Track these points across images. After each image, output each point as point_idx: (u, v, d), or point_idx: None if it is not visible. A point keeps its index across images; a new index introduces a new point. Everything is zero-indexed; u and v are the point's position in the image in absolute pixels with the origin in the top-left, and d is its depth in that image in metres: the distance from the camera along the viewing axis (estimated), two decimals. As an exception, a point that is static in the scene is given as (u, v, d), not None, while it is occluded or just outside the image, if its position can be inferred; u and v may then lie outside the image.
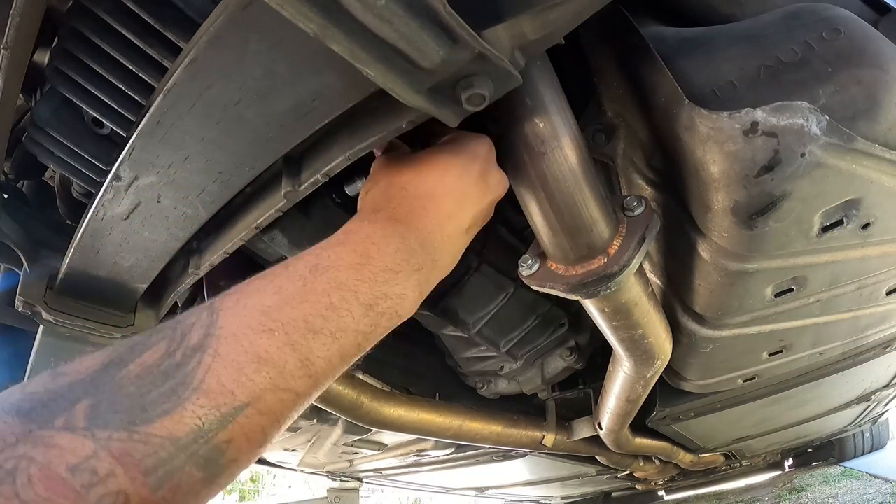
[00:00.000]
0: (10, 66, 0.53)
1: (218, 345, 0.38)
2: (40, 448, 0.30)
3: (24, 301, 0.81)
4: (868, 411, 2.07)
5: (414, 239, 0.51)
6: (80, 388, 0.34)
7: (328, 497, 2.49)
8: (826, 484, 2.74)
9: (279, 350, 0.40)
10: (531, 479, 2.55)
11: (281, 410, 0.40)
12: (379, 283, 0.47)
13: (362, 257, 0.47)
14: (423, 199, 0.53)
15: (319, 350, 0.42)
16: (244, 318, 0.40)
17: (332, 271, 0.45)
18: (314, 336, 0.42)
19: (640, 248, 0.58)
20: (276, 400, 0.39)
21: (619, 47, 0.62)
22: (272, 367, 0.39)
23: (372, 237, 0.49)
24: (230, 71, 0.47)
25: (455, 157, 0.55)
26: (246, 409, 0.37)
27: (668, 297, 0.85)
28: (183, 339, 0.38)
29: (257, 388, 0.38)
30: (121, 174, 0.60)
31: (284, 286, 0.43)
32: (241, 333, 0.39)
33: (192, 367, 0.37)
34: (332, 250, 0.47)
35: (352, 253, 0.47)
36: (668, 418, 1.38)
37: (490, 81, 0.43)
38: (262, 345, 0.39)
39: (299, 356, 0.40)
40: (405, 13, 0.36)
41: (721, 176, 0.55)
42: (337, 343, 0.43)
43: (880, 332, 1.02)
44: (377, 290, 0.47)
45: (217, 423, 0.36)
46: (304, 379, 0.41)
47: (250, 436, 0.38)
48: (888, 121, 0.53)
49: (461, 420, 1.20)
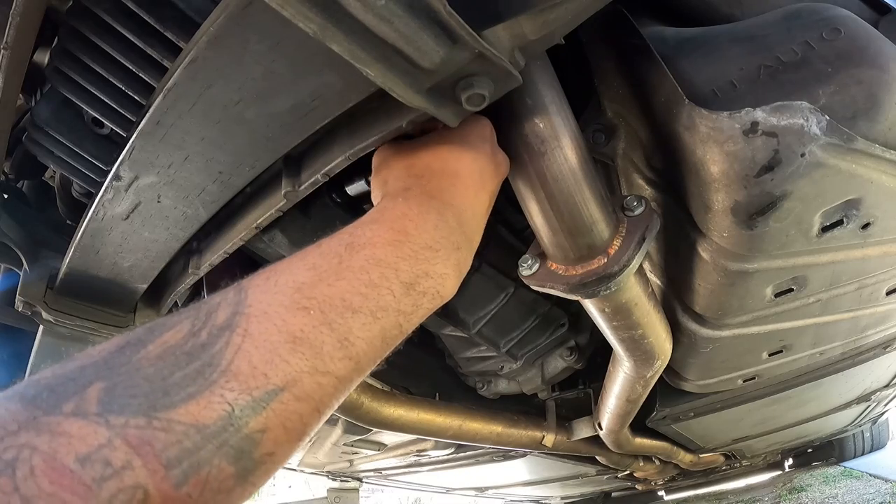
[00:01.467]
0: (10, 66, 0.53)
1: (248, 323, 0.34)
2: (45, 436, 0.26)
3: (24, 301, 0.81)
4: (868, 411, 2.07)
5: (451, 215, 0.49)
6: (93, 370, 0.30)
7: (328, 497, 2.49)
8: (826, 484, 2.74)
9: (315, 329, 0.36)
10: (531, 479, 2.55)
11: (321, 396, 0.36)
12: (420, 261, 0.44)
13: (400, 234, 0.44)
14: (451, 177, 0.51)
15: (359, 330, 0.38)
16: (276, 294, 0.37)
17: (370, 248, 0.42)
18: (353, 315, 0.38)
19: (640, 248, 0.58)
20: (315, 384, 0.35)
21: (619, 47, 0.62)
22: (308, 347, 0.35)
23: (408, 214, 0.46)
24: (230, 71, 0.47)
25: (467, 139, 0.53)
26: (281, 394, 0.33)
27: (668, 297, 0.85)
28: (209, 318, 0.35)
29: (293, 371, 0.34)
30: (121, 174, 0.60)
31: (319, 263, 0.40)
32: (272, 311, 0.36)
33: (220, 347, 0.33)
34: (368, 227, 0.44)
35: (389, 230, 0.44)
36: (668, 418, 1.38)
37: (490, 81, 0.43)
38: (296, 323, 0.35)
39: (337, 336, 0.37)
40: (405, 13, 0.36)
41: (721, 176, 0.55)
42: (378, 323, 0.40)
43: (880, 332, 1.02)
44: (418, 269, 0.44)
45: (249, 408, 0.31)
46: (345, 361, 0.37)
47: (287, 425, 0.33)
48: (888, 121, 0.53)
49: (461, 420, 1.20)
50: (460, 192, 0.51)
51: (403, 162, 0.53)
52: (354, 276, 0.40)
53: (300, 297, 0.37)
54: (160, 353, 0.32)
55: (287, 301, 0.37)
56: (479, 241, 0.53)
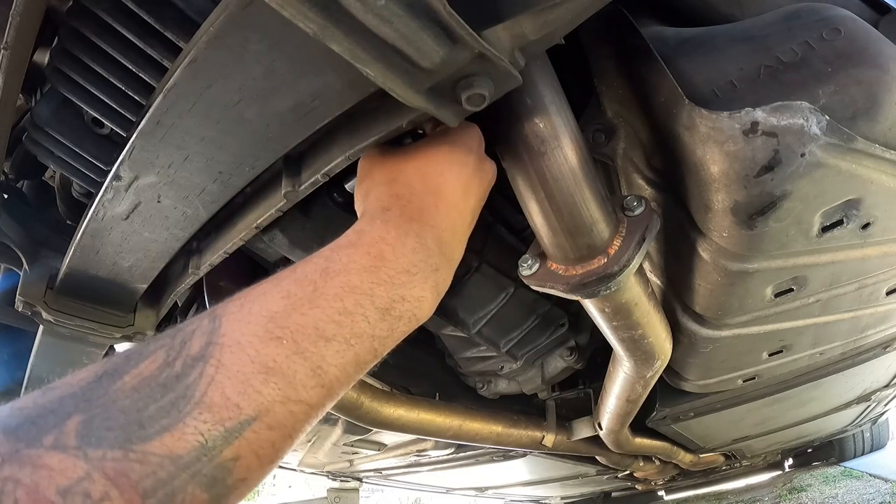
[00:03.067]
0: (10, 66, 0.53)
1: (221, 354, 0.35)
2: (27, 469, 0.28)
3: (24, 301, 0.81)
4: (868, 411, 2.07)
5: (430, 238, 0.49)
6: (72, 402, 0.31)
7: (328, 497, 2.49)
8: (826, 484, 2.74)
9: (288, 359, 0.37)
10: (531, 479, 2.55)
11: (293, 424, 0.37)
12: (396, 286, 0.44)
13: (377, 259, 0.44)
14: (432, 196, 0.51)
15: (333, 358, 0.39)
16: (249, 324, 0.37)
17: (345, 274, 0.42)
18: (326, 343, 0.39)
19: (640, 248, 0.58)
20: (287, 413, 0.36)
21: (619, 47, 0.62)
22: (281, 377, 0.36)
23: (386, 238, 0.46)
24: (230, 71, 0.47)
25: (452, 150, 0.53)
26: (253, 424, 0.34)
27: (668, 297, 0.85)
28: (183, 348, 0.35)
29: (265, 401, 0.35)
30: (121, 174, 0.60)
31: (293, 290, 0.40)
32: (245, 341, 0.36)
33: (194, 378, 0.34)
34: (344, 252, 0.44)
35: (365, 255, 0.44)
36: (668, 418, 1.38)
37: (490, 81, 0.43)
38: (269, 354, 0.36)
39: (310, 365, 0.38)
40: (405, 13, 0.36)
41: (721, 176, 0.55)
42: (352, 350, 0.40)
43: (880, 332, 1.02)
44: (394, 293, 0.44)
45: (222, 439, 0.33)
46: (317, 389, 0.38)
47: (259, 452, 0.35)
48: (888, 121, 0.53)
49: (461, 420, 1.20)
50: (441, 212, 0.51)
51: (386, 175, 0.53)
52: (328, 303, 0.40)
53: (273, 326, 0.38)
54: (136, 385, 0.33)
55: (260, 331, 0.37)
56: (460, 256, 0.53)
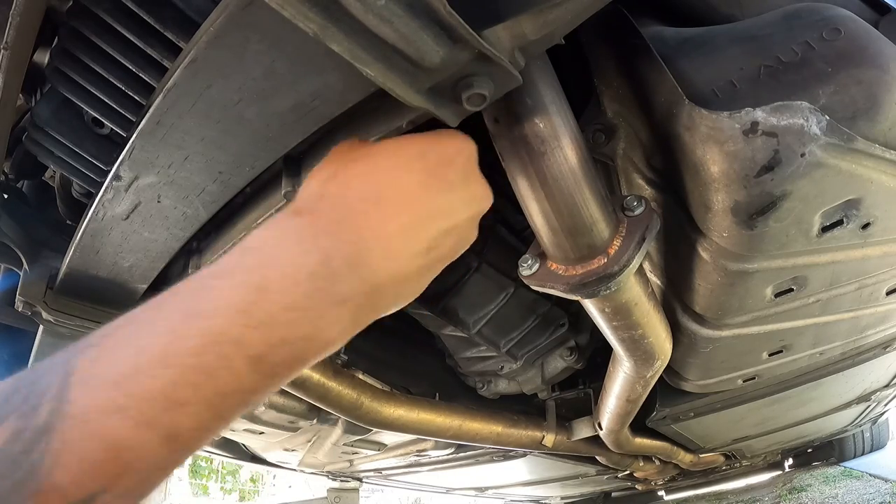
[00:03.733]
0: (10, 66, 0.53)
1: (64, 427, 0.33)
2: None
3: (24, 301, 0.81)
4: (868, 411, 2.07)
5: (342, 258, 0.39)
6: None
7: (328, 497, 2.49)
8: (826, 484, 2.74)
9: (133, 431, 0.33)
10: (531, 479, 2.55)
11: (145, 488, 0.34)
12: (277, 327, 0.36)
13: (255, 293, 0.36)
14: (366, 202, 0.41)
15: (188, 422, 0.34)
16: (95, 390, 0.34)
17: (211, 318, 0.35)
18: (180, 409, 0.34)
19: (640, 248, 0.58)
20: (138, 480, 0.34)
21: (619, 47, 0.62)
22: (126, 451, 0.33)
23: (276, 259, 0.38)
24: (230, 71, 0.47)
25: (422, 155, 0.44)
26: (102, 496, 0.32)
27: (668, 297, 0.85)
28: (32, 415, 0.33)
29: (109, 476, 0.33)
30: (121, 174, 0.60)
31: (147, 344, 0.35)
32: (90, 416, 0.33)
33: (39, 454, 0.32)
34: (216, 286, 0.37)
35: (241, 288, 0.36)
36: (668, 418, 1.38)
37: (490, 81, 0.43)
38: (112, 427, 0.33)
39: (160, 435, 0.34)
40: (405, 13, 0.36)
41: (721, 176, 0.55)
42: (212, 410, 0.35)
43: (880, 332, 1.02)
44: (273, 337, 0.36)
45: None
46: (170, 455, 0.35)
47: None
48: (888, 121, 0.53)
49: (461, 420, 1.20)
50: (372, 224, 0.41)
51: (331, 169, 0.44)
52: (184, 362, 0.34)
53: (118, 394, 0.33)
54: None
55: (105, 400, 0.33)
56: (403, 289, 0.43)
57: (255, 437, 1.59)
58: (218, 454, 2.06)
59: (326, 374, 0.94)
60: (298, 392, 0.93)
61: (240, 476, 8.65)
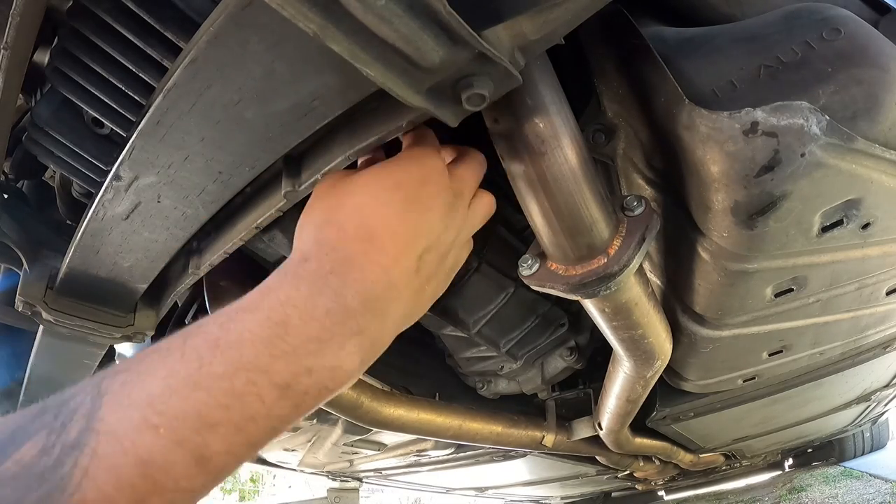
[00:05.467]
0: (10, 66, 0.53)
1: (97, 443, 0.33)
2: None
3: (24, 301, 0.81)
4: (868, 411, 2.07)
5: (352, 295, 0.43)
6: None
7: (328, 497, 2.49)
8: (826, 484, 2.74)
9: (164, 450, 0.34)
10: (531, 479, 2.55)
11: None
12: (301, 357, 0.39)
13: (279, 326, 0.39)
14: (363, 243, 0.45)
15: (219, 444, 0.36)
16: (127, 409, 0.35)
17: (237, 348, 0.38)
18: (210, 430, 0.35)
19: (640, 247, 0.58)
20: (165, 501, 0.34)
21: (619, 47, 0.62)
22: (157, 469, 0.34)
23: (294, 299, 0.41)
24: (230, 71, 0.47)
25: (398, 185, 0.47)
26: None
27: (668, 297, 0.85)
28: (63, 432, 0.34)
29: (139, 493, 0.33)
30: (121, 174, 0.60)
31: (176, 369, 0.37)
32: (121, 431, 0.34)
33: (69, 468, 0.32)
34: (243, 318, 0.39)
35: (265, 322, 0.39)
36: (668, 418, 1.38)
37: (490, 81, 0.43)
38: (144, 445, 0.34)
39: (191, 455, 0.35)
40: (405, 13, 0.36)
41: (721, 176, 0.55)
42: (242, 434, 0.37)
43: (880, 332, 1.02)
44: (298, 366, 0.39)
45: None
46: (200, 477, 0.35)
47: None
48: (888, 121, 0.53)
49: (461, 420, 1.20)
50: (373, 262, 0.44)
51: (323, 213, 0.48)
52: (214, 385, 0.36)
53: (151, 412, 0.35)
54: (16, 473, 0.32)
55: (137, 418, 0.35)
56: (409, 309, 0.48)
57: (255, 437, 1.58)
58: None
59: (326, 374, 0.94)
60: (298, 392, 0.93)
61: (240, 476, 8.66)
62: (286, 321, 0.40)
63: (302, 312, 0.40)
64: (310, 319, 0.40)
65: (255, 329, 0.39)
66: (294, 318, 0.40)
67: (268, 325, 0.39)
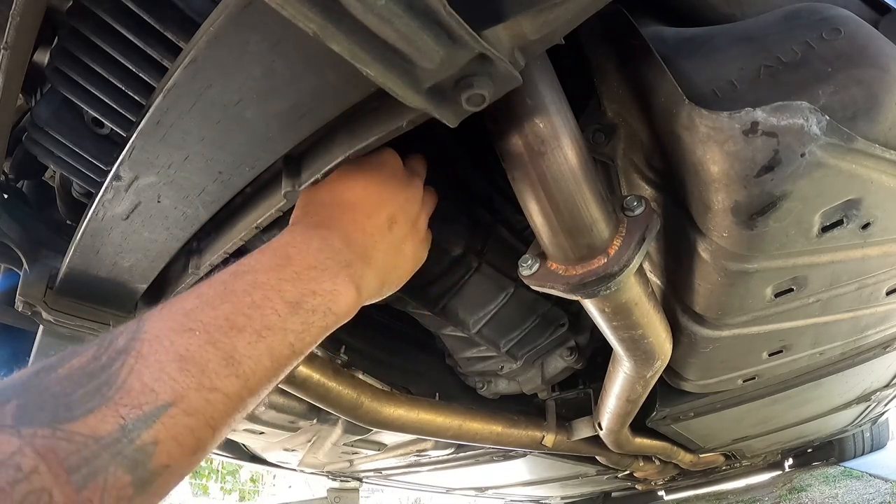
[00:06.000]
0: (10, 66, 0.53)
1: (141, 347, 0.38)
2: None
3: (24, 301, 0.81)
4: (868, 411, 2.07)
5: (336, 238, 0.53)
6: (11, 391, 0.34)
7: (328, 497, 2.49)
8: (826, 484, 2.74)
9: (200, 348, 0.39)
10: (531, 479, 2.55)
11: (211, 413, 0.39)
12: (304, 281, 0.47)
13: (282, 259, 0.48)
14: (339, 207, 0.56)
15: (245, 348, 0.41)
16: (166, 320, 0.41)
17: (252, 273, 0.46)
18: (238, 333, 0.41)
19: (640, 248, 0.58)
20: (203, 400, 0.38)
21: (619, 47, 0.62)
22: (193, 365, 0.38)
23: (291, 242, 0.50)
24: (230, 71, 0.47)
25: (361, 168, 0.58)
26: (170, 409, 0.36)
27: (668, 297, 0.85)
28: (110, 345, 0.38)
29: (179, 387, 0.37)
30: (121, 174, 0.60)
31: (205, 291, 0.44)
32: (162, 335, 0.39)
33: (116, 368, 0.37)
34: (253, 257, 0.48)
35: (271, 256, 0.48)
36: (668, 418, 1.38)
37: (490, 81, 0.43)
38: (182, 343, 0.39)
39: (222, 354, 0.40)
40: (405, 13, 0.36)
41: (721, 176, 0.55)
42: (264, 341, 0.43)
43: (880, 332, 1.02)
44: (303, 288, 0.47)
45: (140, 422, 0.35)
46: (231, 378, 0.40)
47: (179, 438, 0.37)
48: (888, 121, 0.53)
49: (461, 420, 1.20)
50: (348, 217, 0.55)
51: (304, 200, 0.58)
52: (238, 298, 0.43)
53: (187, 320, 0.41)
54: (66, 375, 0.36)
55: (175, 325, 0.40)
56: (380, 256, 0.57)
57: (255, 438, 1.59)
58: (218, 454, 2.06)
59: (326, 374, 0.94)
60: (298, 392, 0.93)
61: (240, 476, 8.65)
62: (288, 255, 0.49)
63: (299, 250, 0.49)
64: (306, 254, 0.49)
65: (265, 261, 0.48)
66: (294, 254, 0.49)
67: (274, 259, 0.48)
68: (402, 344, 1.30)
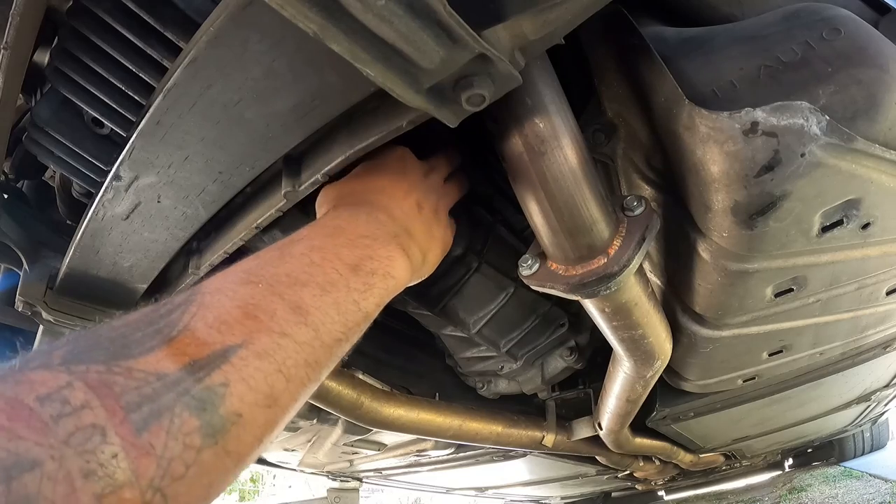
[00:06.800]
0: (10, 66, 0.53)
1: (202, 298, 0.36)
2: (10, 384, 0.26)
3: (24, 301, 0.81)
4: (868, 411, 2.07)
5: (380, 213, 0.54)
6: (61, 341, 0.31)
7: (328, 497, 2.49)
8: (826, 484, 2.74)
9: (265, 298, 0.38)
10: (531, 479, 2.55)
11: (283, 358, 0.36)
12: (359, 247, 0.47)
13: (335, 229, 0.48)
14: (372, 191, 0.57)
15: (310, 300, 0.40)
16: (227, 276, 0.40)
17: (308, 240, 0.46)
18: (301, 287, 0.40)
19: (640, 248, 0.58)
20: (273, 343, 0.36)
21: (619, 47, 0.62)
22: (261, 311, 0.37)
23: (338, 216, 0.51)
24: (230, 71, 0.47)
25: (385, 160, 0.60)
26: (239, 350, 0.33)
27: (668, 297, 0.85)
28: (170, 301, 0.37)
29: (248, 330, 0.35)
30: (121, 174, 0.60)
31: (263, 255, 0.44)
32: (225, 287, 0.38)
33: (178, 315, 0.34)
34: (303, 230, 0.48)
35: (323, 227, 0.49)
36: (668, 418, 1.38)
37: (490, 81, 0.43)
38: (246, 293, 0.38)
39: (289, 304, 0.38)
40: (405, 13, 0.36)
41: (721, 176, 0.55)
42: (329, 295, 0.42)
43: (880, 332, 1.02)
44: (360, 252, 0.47)
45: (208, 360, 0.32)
46: (301, 326, 0.38)
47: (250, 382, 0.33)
48: (888, 120, 0.53)
49: (461, 420, 1.20)
50: (385, 197, 0.56)
51: (334, 190, 0.59)
52: (296, 260, 0.43)
53: (248, 276, 0.40)
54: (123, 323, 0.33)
55: (237, 279, 0.39)
56: (420, 233, 0.58)
57: (255, 437, 1.58)
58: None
59: (326, 374, 0.94)
60: (298, 392, 0.93)
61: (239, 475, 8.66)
62: (339, 225, 0.49)
63: (348, 222, 0.50)
64: (356, 225, 0.50)
65: (318, 230, 0.48)
66: (344, 225, 0.49)
67: (326, 229, 0.49)
68: (402, 344, 1.30)
